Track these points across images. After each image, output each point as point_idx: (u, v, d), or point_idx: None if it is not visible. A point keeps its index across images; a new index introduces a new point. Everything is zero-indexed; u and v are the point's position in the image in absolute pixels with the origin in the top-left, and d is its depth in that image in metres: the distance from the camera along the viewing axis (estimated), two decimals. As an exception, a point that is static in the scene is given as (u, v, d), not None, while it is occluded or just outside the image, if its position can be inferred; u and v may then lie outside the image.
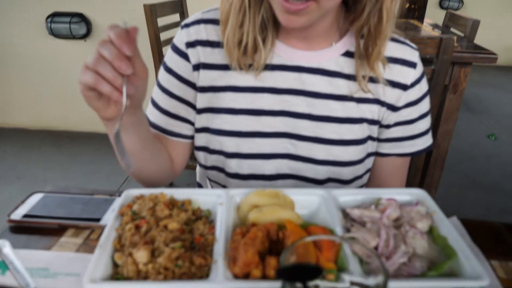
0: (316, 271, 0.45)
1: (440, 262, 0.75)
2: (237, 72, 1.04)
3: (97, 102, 0.81)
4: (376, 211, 0.83)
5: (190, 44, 1.05)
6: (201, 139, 1.11)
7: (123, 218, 0.80)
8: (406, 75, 1.06)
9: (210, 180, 1.21)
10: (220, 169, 1.13)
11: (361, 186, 1.17)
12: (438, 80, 1.77)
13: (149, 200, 0.84)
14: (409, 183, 2.08)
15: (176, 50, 1.08)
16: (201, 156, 1.14)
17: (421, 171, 2.80)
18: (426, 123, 1.13)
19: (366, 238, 0.75)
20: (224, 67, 1.05)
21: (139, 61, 0.80)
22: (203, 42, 1.05)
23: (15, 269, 0.75)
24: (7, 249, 0.80)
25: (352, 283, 0.58)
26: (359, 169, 1.11)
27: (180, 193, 0.90)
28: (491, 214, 2.90)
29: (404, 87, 1.06)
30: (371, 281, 0.54)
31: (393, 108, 1.07)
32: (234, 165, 1.08)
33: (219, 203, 0.87)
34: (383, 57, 1.00)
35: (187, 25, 1.07)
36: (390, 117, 1.08)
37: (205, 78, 1.06)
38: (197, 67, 1.06)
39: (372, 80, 1.04)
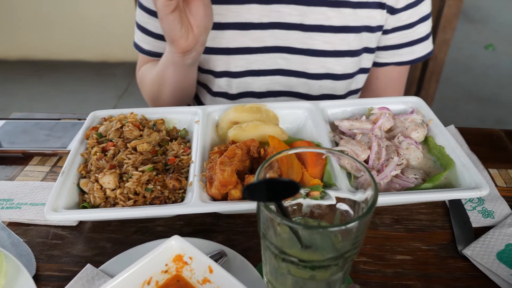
0: (291, 188, 0.38)
1: (436, 173, 0.69)
2: None
3: (179, 28, 0.74)
4: (368, 122, 0.75)
5: None
6: None
7: (88, 142, 0.73)
8: None
9: (196, 98, 1.13)
10: (208, 88, 1.04)
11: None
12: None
13: (117, 121, 0.75)
14: (404, 97, 1.98)
15: None
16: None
17: (416, 84, 2.71)
18: (426, 27, 1.01)
19: (355, 151, 0.68)
20: None
21: None
22: None
23: (-25, 202, 0.69)
24: (-34, 180, 0.73)
25: (339, 199, 0.52)
26: (352, 84, 1.02)
27: (152, 112, 0.81)
28: (487, 126, 2.85)
29: None
30: (359, 196, 0.48)
31: (392, 10, 0.95)
32: (223, 84, 1.00)
33: (196, 121, 0.79)
34: None
35: None
36: (389, 21, 0.96)
37: None
38: None
39: None
